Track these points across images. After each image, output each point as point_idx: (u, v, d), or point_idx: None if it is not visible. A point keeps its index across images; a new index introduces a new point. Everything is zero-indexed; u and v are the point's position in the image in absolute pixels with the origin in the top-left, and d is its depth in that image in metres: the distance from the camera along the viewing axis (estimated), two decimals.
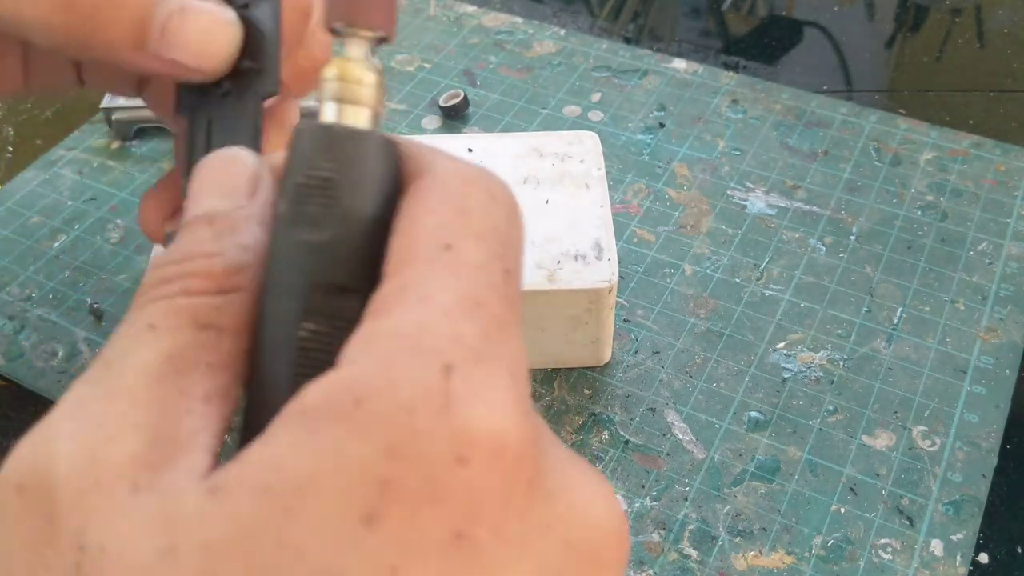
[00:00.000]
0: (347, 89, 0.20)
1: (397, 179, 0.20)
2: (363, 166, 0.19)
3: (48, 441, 0.17)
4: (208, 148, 0.28)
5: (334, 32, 0.21)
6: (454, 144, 0.43)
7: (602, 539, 0.17)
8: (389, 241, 0.19)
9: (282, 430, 0.16)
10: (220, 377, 0.19)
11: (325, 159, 0.19)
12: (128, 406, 0.17)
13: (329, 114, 0.20)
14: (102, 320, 0.43)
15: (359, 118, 0.20)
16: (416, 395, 0.16)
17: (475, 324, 0.17)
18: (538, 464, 0.17)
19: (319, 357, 0.18)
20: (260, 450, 0.16)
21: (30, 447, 0.17)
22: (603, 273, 0.38)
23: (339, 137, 0.19)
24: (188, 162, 0.28)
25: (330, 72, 0.20)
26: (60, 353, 0.42)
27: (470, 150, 0.43)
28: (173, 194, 0.33)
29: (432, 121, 0.53)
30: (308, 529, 0.15)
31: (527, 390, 0.18)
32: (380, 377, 0.16)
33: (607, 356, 0.41)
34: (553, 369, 0.41)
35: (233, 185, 0.20)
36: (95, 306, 0.43)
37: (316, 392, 0.17)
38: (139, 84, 0.34)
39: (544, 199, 0.41)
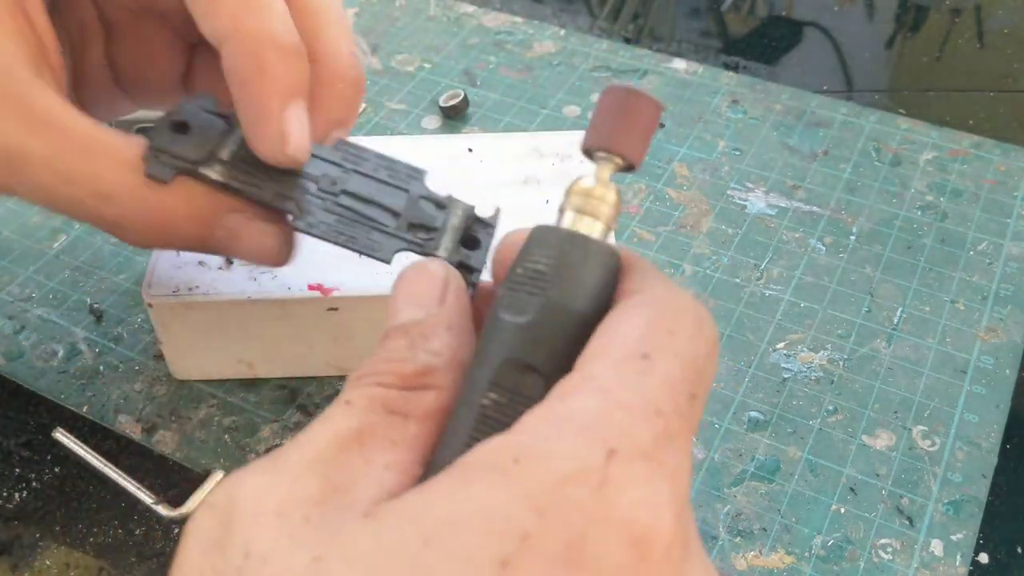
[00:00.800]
0: (589, 204, 0.23)
1: (610, 286, 0.22)
2: (575, 265, 0.21)
3: (242, 476, 0.20)
4: None
5: (588, 154, 0.24)
6: (454, 144, 0.43)
7: None
8: (590, 339, 0.21)
9: (441, 477, 0.18)
10: (402, 454, 0.20)
11: (542, 254, 0.22)
12: (315, 459, 0.20)
13: (566, 221, 0.23)
14: (102, 320, 0.43)
15: (592, 229, 0.23)
16: (573, 467, 0.17)
17: (649, 427, 0.18)
18: (680, 571, 0.18)
19: (495, 426, 0.20)
20: (417, 490, 0.18)
21: (228, 479, 0.20)
22: None
23: (559, 238, 0.22)
24: None
25: (578, 187, 0.23)
26: (60, 353, 0.42)
27: (470, 150, 0.43)
28: None
29: (432, 121, 0.53)
30: (444, 560, 0.16)
31: (685, 501, 0.19)
32: (543, 445, 0.18)
33: None
34: None
35: (425, 295, 0.23)
36: (95, 306, 0.43)
37: (480, 450, 0.18)
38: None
39: (544, 199, 0.41)
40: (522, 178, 0.42)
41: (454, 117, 0.53)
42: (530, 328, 0.21)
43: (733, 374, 0.41)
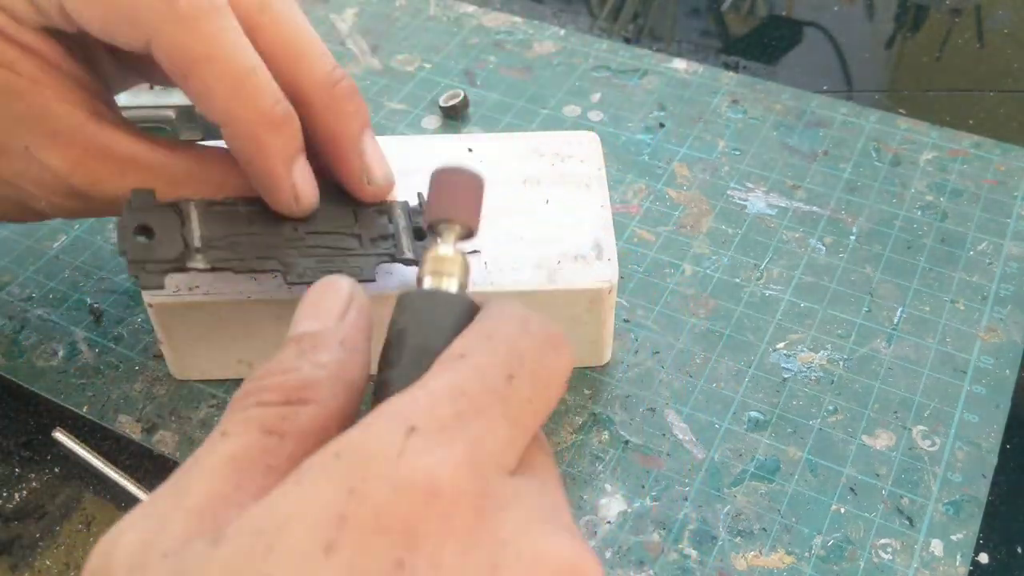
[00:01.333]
0: (441, 266, 0.26)
1: (464, 325, 0.24)
2: (429, 314, 0.24)
3: (116, 535, 0.20)
4: None
5: (431, 227, 0.27)
6: (454, 144, 0.43)
7: None
8: None
9: (276, 488, 0.20)
10: (277, 478, 0.21)
11: (403, 316, 0.24)
12: (185, 498, 0.20)
13: (425, 285, 0.26)
14: (102, 320, 0.43)
15: (449, 285, 0.25)
16: (379, 448, 0.20)
17: (453, 406, 0.21)
18: (481, 512, 0.20)
19: None
20: (259, 503, 0.19)
21: (104, 542, 0.20)
22: (603, 273, 0.38)
23: (416, 297, 0.25)
24: None
25: (431, 255, 0.26)
26: (60, 353, 0.42)
27: (470, 150, 0.43)
28: None
29: (432, 121, 0.53)
30: (282, 559, 0.18)
31: (491, 463, 0.21)
32: (358, 437, 0.20)
33: (607, 356, 0.41)
34: None
35: (327, 309, 0.24)
36: (95, 306, 0.43)
37: (312, 457, 0.20)
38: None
39: (544, 199, 0.41)
40: (522, 178, 0.42)
41: (454, 117, 0.53)
42: (399, 374, 0.23)
43: (733, 374, 0.41)
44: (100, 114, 0.34)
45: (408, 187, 0.41)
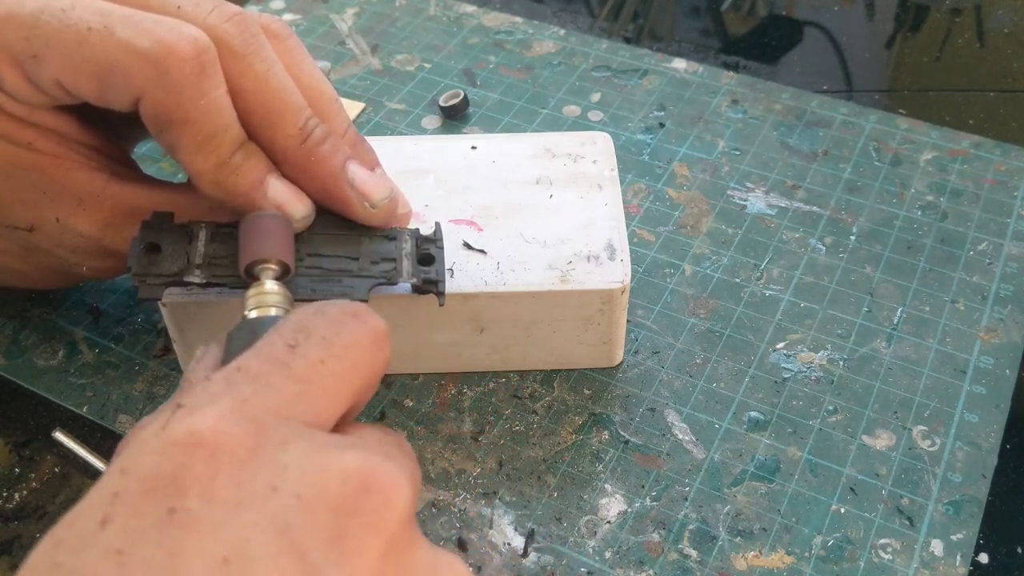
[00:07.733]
0: (263, 299, 0.30)
1: None
2: (251, 338, 0.26)
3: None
4: None
5: (248, 269, 0.31)
6: (463, 144, 0.43)
7: (341, 490, 0.22)
8: None
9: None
10: None
11: (228, 349, 0.27)
12: None
13: (249, 317, 0.29)
14: (101, 320, 0.43)
15: (267, 313, 0.29)
16: (147, 432, 0.22)
17: (226, 381, 0.23)
18: (255, 449, 0.22)
19: None
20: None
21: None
22: (616, 274, 0.38)
23: (236, 331, 0.28)
24: None
25: (252, 291, 0.30)
26: (60, 353, 0.42)
27: (473, 147, 0.43)
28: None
29: (432, 121, 0.53)
30: (66, 545, 0.20)
31: (262, 416, 0.23)
32: (135, 432, 0.23)
33: (619, 357, 0.41)
34: (553, 369, 0.41)
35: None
36: (95, 306, 0.43)
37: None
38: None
39: (557, 199, 0.41)
40: (534, 178, 0.42)
41: (454, 117, 0.53)
42: None
43: (733, 374, 0.41)
44: (120, 175, 0.36)
45: (422, 187, 0.41)
